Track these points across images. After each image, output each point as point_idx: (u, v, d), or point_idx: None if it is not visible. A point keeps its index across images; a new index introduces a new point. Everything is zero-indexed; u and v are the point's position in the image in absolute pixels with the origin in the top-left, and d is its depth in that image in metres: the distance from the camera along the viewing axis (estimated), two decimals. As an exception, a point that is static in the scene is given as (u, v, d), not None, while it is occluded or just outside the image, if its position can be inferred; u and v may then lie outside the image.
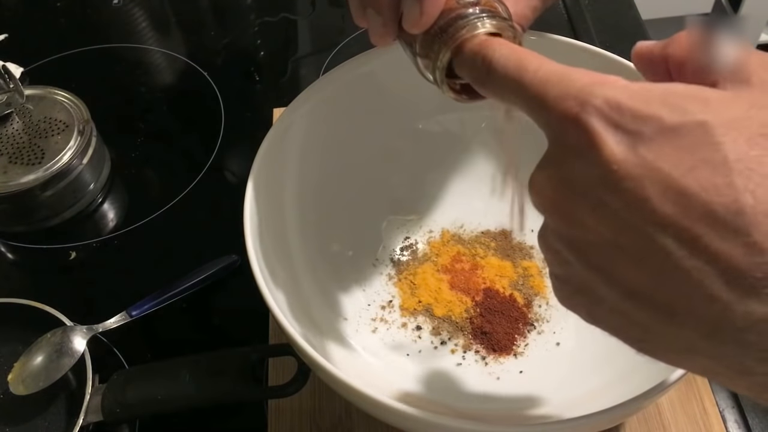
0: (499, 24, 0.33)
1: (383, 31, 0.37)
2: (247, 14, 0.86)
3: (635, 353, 0.27)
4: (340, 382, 0.37)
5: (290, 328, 0.39)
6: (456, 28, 0.33)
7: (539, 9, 0.40)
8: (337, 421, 0.51)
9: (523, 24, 0.40)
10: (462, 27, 0.33)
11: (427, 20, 0.34)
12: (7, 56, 0.67)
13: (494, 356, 0.50)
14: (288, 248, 0.50)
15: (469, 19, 0.33)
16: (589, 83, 0.25)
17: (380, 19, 0.36)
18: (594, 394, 0.44)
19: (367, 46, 0.51)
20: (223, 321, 0.59)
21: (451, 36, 0.33)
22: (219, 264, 0.60)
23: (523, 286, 0.53)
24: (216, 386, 0.47)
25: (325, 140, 0.53)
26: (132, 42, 0.84)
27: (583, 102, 0.24)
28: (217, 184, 0.70)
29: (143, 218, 0.67)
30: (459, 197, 0.58)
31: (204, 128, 0.74)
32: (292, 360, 0.46)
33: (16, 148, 0.65)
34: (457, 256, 0.55)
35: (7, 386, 0.50)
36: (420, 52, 0.36)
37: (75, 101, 0.68)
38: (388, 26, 0.36)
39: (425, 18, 0.34)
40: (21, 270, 0.66)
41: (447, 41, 0.33)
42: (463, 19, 0.33)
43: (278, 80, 0.79)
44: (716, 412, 0.49)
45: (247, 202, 0.45)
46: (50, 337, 0.52)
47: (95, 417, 0.48)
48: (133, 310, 0.56)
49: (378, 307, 0.53)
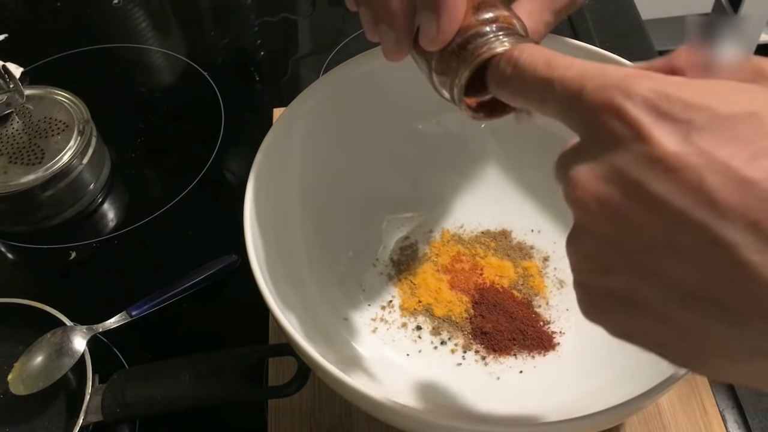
0: (517, 42, 0.33)
1: (397, 47, 0.35)
2: (247, 14, 0.87)
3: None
4: (340, 382, 0.37)
5: (290, 328, 0.39)
6: (475, 47, 0.33)
7: (552, 24, 0.39)
8: (337, 421, 0.51)
9: (536, 40, 0.38)
10: (482, 45, 0.33)
11: (444, 38, 0.33)
12: (7, 56, 0.67)
13: (494, 356, 0.50)
14: (288, 248, 0.50)
15: (488, 37, 0.33)
16: (630, 75, 0.24)
17: (393, 35, 0.35)
18: (594, 394, 0.44)
19: (367, 46, 0.51)
20: (223, 321, 0.59)
21: (471, 53, 0.33)
22: (219, 264, 0.60)
23: (523, 286, 0.53)
24: (216, 386, 0.47)
25: (325, 140, 0.53)
26: (132, 42, 0.84)
27: (627, 92, 0.23)
28: (217, 184, 0.70)
29: (143, 218, 0.67)
30: (459, 197, 0.58)
31: (204, 128, 0.74)
32: (292, 360, 0.46)
33: (16, 148, 0.65)
34: (457, 256, 0.55)
35: (7, 386, 0.50)
36: (436, 69, 0.35)
37: (75, 101, 0.68)
38: (402, 42, 0.35)
39: (442, 36, 0.33)
40: (21, 270, 0.66)
41: (466, 59, 0.33)
42: (482, 37, 0.33)
43: (278, 80, 0.79)
44: (716, 412, 0.49)
45: (247, 202, 0.45)
46: (50, 337, 0.52)
47: (95, 417, 0.48)
48: (133, 310, 0.56)
49: (378, 307, 0.53)
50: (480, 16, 0.33)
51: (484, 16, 0.34)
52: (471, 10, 0.34)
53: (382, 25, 0.35)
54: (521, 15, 0.36)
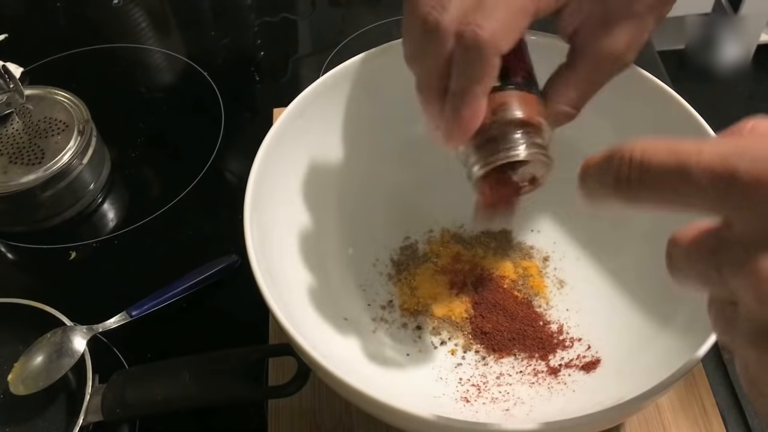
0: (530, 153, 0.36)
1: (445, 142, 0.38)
2: (247, 14, 0.87)
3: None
4: (340, 382, 0.37)
5: (290, 328, 0.39)
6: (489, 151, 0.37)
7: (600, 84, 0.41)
8: (337, 421, 0.51)
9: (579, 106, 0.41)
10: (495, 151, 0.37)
11: (455, 144, 0.37)
12: (7, 56, 0.67)
13: (494, 356, 0.50)
14: (288, 248, 0.50)
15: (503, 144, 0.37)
16: None
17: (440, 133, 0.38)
18: (594, 394, 0.44)
19: (366, 46, 0.51)
20: (223, 321, 0.59)
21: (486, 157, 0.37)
22: (219, 264, 0.60)
23: (523, 286, 0.53)
24: (216, 386, 0.47)
25: (325, 140, 0.53)
26: (132, 42, 0.84)
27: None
28: (217, 184, 0.70)
29: (143, 218, 0.67)
30: (459, 197, 0.58)
31: (204, 128, 0.74)
32: (292, 360, 0.46)
33: (16, 148, 0.65)
34: (457, 256, 0.55)
35: (7, 386, 0.50)
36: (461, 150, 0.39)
37: (75, 101, 0.68)
38: None
39: (453, 143, 0.37)
40: (21, 270, 0.66)
41: (480, 160, 0.37)
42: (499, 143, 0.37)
43: (278, 80, 0.79)
44: (716, 412, 0.49)
45: (247, 202, 0.45)
46: (50, 337, 0.52)
47: (95, 417, 0.48)
48: (133, 310, 0.56)
49: (378, 307, 0.53)
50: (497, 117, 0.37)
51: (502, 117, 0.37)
52: (490, 113, 0.37)
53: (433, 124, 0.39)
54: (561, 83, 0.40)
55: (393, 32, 0.81)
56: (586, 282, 0.53)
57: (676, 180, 0.24)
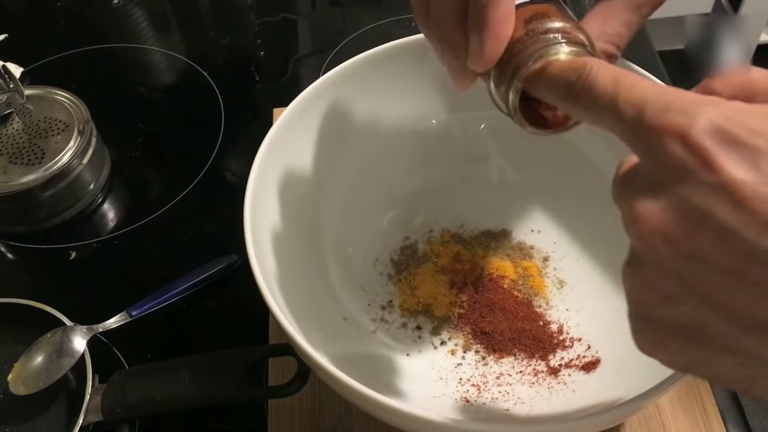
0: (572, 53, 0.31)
1: (463, 74, 0.35)
2: (247, 14, 0.87)
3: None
4: (340, 382, 0.37)
5: (290, 328, 0.39)
6: (529, 55, 0.32)
7: (635, 24, 0.37)
8: (337, 421, 0.51)
9: (618, 43, 0.36)
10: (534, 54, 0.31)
11: (489, 57, 0.32)
12: (7, 56, 0.67)
13: (494, 356, 0.50)
14: (288, 248, 0.50)
15: (540, 46, 0.32)
16: (694, 100, 0.23)
17: (458, 62, 0.34)
18: (594, 394, 0.44)
19: (366, 46, 0.51)
20: (223, 321, 0.59)
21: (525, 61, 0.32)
22: (219, 264, 0.60)
23: (523, 286, 0.53)
24: (216, 386, 0.47)
25: (325, 140, 0.53)
26: (132, 42, 0.84)
27: (691, 117, 0.22)
28: (217, 184, 0.70)
29: (143, 218, 0.67)
30: (459, 197, 0.58)
31: (204, 128, 0.74)
32: (292, 360, 0.46)
33: (16, 148, 0.65)
34: (457, 256, 0.55)
35: (7, 386, 0.50)
36: (494, 80, 0.34)
37: (75, 101, 0.68)
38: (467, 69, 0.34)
39: (487, 56, 0.32)
40: (21, 270, 0.66)
41: (520, 68, 0.32)
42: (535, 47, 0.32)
43: (278, 80, 0.79)
44: (716, 412, 0.49)
45: (248, 202, 0.45)
46: (50, 337, 0.52)
47: (95, 417, 0.48)
48: (133, 310, 0.56)
49: (378, 307, 0.53)
50: (531, 28, 0.32)
51: (536, 27, 0.32)
52: (522, 24, 0.33)
53: (446, 54, 0.35)
54: (597, 19, 0.35)
55: (393, 32, 0.81)
56: (586, 282, 0.53)
57: (605, 102, 0.26)
